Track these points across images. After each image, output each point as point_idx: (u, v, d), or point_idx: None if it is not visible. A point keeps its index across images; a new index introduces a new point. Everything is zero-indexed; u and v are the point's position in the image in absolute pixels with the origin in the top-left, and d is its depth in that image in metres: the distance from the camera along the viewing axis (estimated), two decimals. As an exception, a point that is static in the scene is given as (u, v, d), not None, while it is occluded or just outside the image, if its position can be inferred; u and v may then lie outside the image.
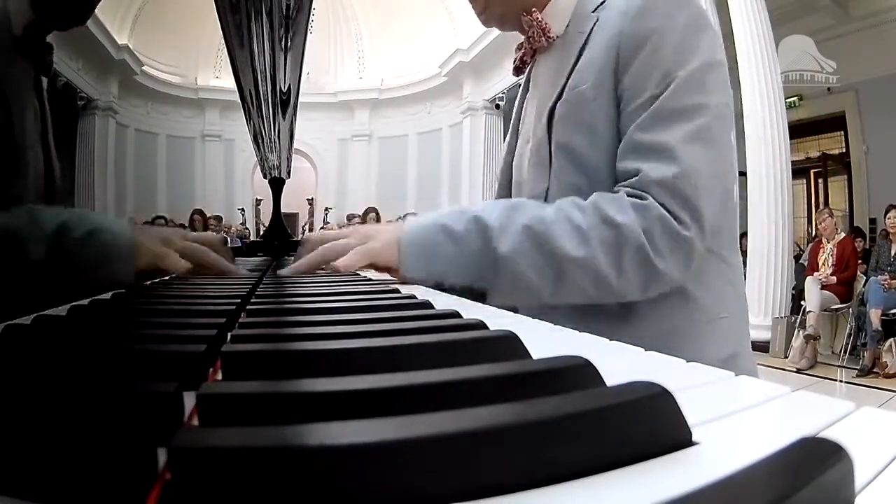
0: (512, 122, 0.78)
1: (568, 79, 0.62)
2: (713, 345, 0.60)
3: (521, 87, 0.77)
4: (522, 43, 0.72)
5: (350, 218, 7.45)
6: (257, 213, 9.29)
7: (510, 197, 0.75)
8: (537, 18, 0.66)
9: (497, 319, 0.39)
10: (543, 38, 0.67)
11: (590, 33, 0.61)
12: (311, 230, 8.55)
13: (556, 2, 0.67)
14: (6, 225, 0.50)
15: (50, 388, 0.15)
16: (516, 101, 0.78)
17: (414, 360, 0.21)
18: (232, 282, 0.59)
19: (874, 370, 3.33)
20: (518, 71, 0.74)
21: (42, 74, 0.70)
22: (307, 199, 9.92)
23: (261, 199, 9.14)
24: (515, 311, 0.52)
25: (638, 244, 0.53)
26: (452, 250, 0.55)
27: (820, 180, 5.92)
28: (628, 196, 0.55)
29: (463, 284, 0.55)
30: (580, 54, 0.61)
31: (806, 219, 5.78)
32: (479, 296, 0.55)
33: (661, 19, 0.57)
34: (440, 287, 0.55)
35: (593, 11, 0.63)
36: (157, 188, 9.14)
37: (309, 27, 0.81)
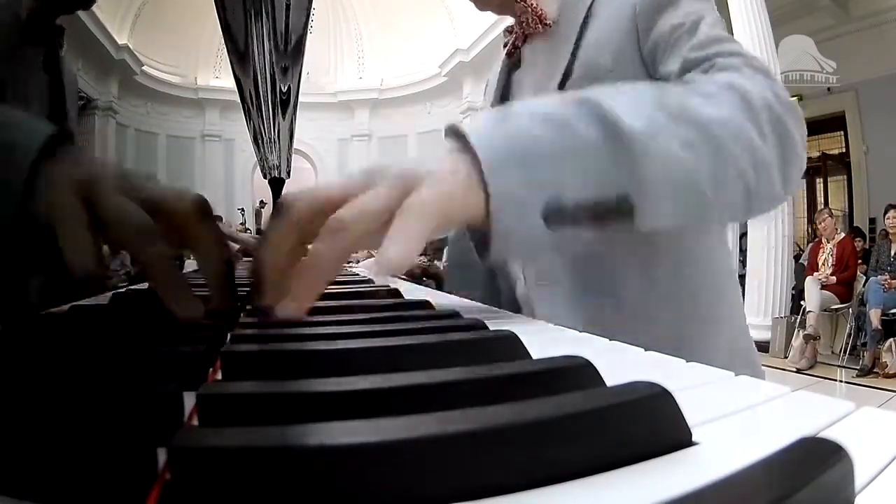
0: (493, 93, 0.75)
1: (573, 57, 0.60)
2: (720, 348, 0.60)
3: (504, 65, 0.74)
4: (513, 27, 0.70)
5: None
6: (258, 216, 9.27)
7: None
8: (531, 4, 0.65)
9: (497, 319, 0.39)
10: (539, 25, 0.65)
11: (588, 11, 0.60)
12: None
13: None
14: None
15: (50, 389, 0.15)
16: (496, 80, 0.76)
17: (414, 361, 0.21)
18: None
19: (874, 370, 3.33)
20: (511, 55, 0.72)
21: (53, 58, 0.70)
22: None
23: (264, 202, 9.04)
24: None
25: (765, 101, 0.44)
26: (567, 143, 0.35)
27: (820, 180, 5.92)
28: (718, 70, 0.49)
29: (593, 196, 0.35)
30: (581, 32, 0.60)
31: (806, 219, 5.78)
32: (617, 214, 0.36)
33: None
34: (555, 221, 0.34)
35: None
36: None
37: (309, 27, 0.81)
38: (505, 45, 0.72)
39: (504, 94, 0.74)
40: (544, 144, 0.35)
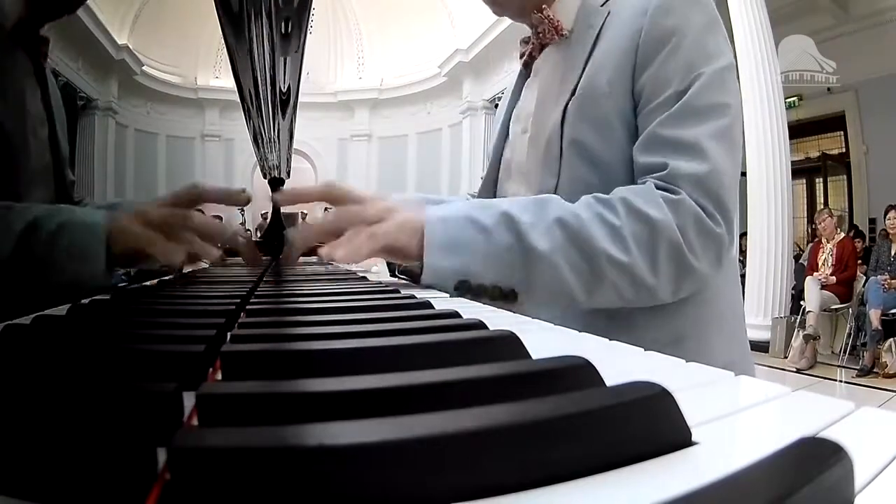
0: (507, 102, 0.77)
1: (581, 74, 0.61)
2: (718, 349, 0.60)
3: (521, 72, 0.76)
4: (529, 37, 0.71)
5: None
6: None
7: (498, 177, 0.75)
8: (549, 16, 0.66)
9: (497, 319, 0.39)
10: (556, 35, 0.66)
11: (601, 28, 0.61)
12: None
13: None
14: None
15: (49, 388, 0.15)
16: (513, 85, 0.78)
17: (414, 360, 0.21)
18: (232, 282, 0.59)
19: (874, 370, 3.33)
20: (528, 66, 0.73)
21: (39, 67, 0.70)
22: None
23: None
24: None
25: (673, 241, 0.51)
26: (482, 244, 0.50)
27: (820, 180, 5.92)
28: (658, 189, 0.52)
29: (490, 282, 0.50)
30: (592, 49, 0.61)
31: (806, 219, 5.78)
32: (504, 297, 0.51)
33: (680, 18, 0.57)
34: (461, 287, 0.50)
35: (602, 5, 0.62)
36: (157, 188, 9.12)
37: (309, 27, 0.81)
38: (522, 56, 0.73)
39: (514, 103, 0.76)
40: (472, 244, 0.50)
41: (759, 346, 3.72)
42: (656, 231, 0.51)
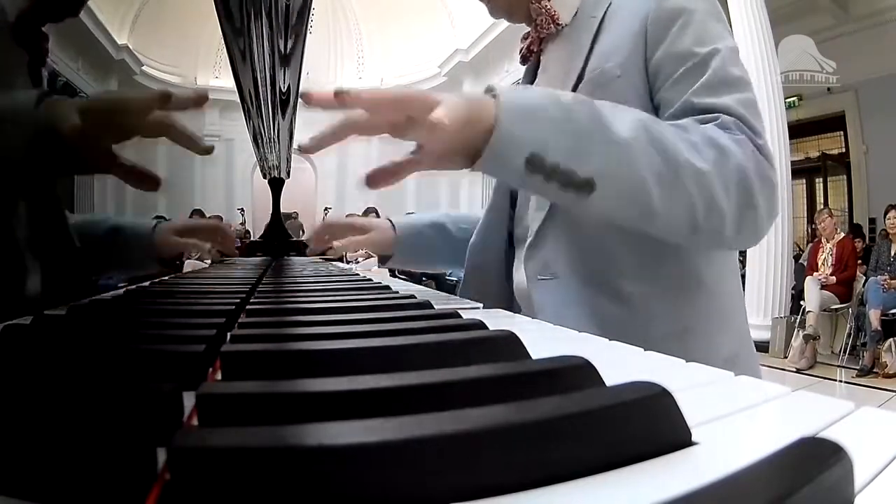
0: None
1: (586, 63, 0.61)
2: (723, 342, 0.60)
3: (526, 72, 0.76)
4: (529, 32, 0.71)
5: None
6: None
7: (509, 186, 0.75)
8: (546, 6, 0.66)
9: (497, 319, 0.39)
10: (552, 25, 0.66)
11: (603, 16, 0.61)
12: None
13: None
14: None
15: (50, 388, 0.15)
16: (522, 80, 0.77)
17: (414, 360, 0.21)
18: (232, 282, 0.59)
19: (874, 370, 3.33)
20: (525, 60, 0.74)
21: (38, 64, 0.70)
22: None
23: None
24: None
25: (741, 168, 0.49)
26: (562, 117, 0.45)
27: (820, 180, 5.92)
28: (717, 127, 0.52)
29: (565, 164, 0.45)
30: (595, 38, 0.61)
31: (806, 219, 5.78)
32: (576, 187, 0.45)
33: (685, 1, 0.58)
34: (532, 164, 0.44)
35: None
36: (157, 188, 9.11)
37: (309, 27, 0.81)
38: (521, 51, 0.73)
39: None
40: (548, 112, 0.45)
41: (759, 346, 3.71)
42: (726, 155, 0.49)
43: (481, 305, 0.51)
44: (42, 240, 0.53)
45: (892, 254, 3.60)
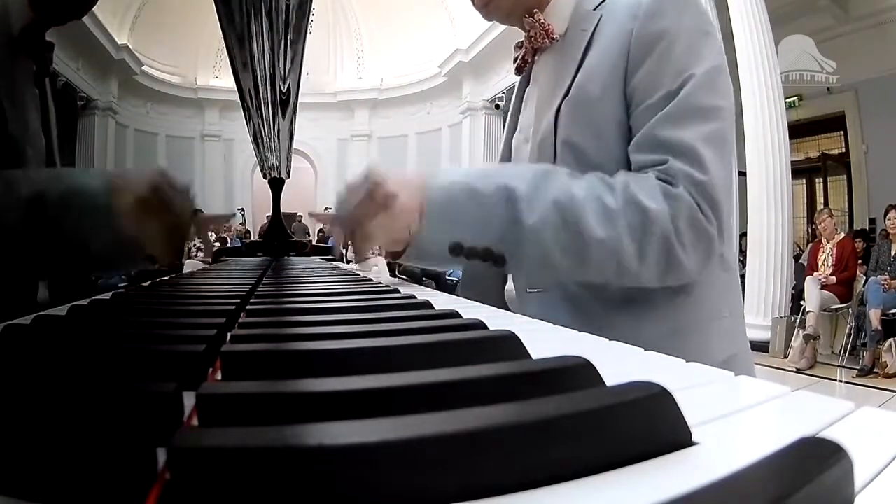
0: (510, 116, 0.78)
1: (574, 77, 0.61)
2: (716, 344, 0.60)
3: (520, 82, 0.76)
4: (522, 42, 0.71)
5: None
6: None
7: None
8: (539, 20, 0.66)
9: (497, 319, 0.39)
10: (546, 39, 0.66)
11: (594, 31, 0.61)
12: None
13: (558, 2, 0.67)
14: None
15: (50, 388, 0.15)
16: (514, 97, 0.78)
17: (414, 360, 0.21)
18: (231, 282, 0.59)
19: (874, 370, 3.33)
20: (519, 70, 0.74)
21: (43, 73, 0.70)
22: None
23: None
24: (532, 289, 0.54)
25: (664, 232, 0.52)
26: (477, 215, 0.53)
27: (820, 180, 5.92)
28: (657, 179, 0.54)
29: (482, 247, 0.53)
30: (585, 52, 0.61)
31: (806, 219, 5.78)
32: (494, 261, 0.54)
33: (670, 21, 0.57)
34: (454, 250, 0.54)
35: (594, 9, 0.63)
36: (157, 188, 9.10)
37: (309, 27, 0.81)
38: (515, 61, 0.73)
39: (517, 110, 0.76)
40: (468, 215, 0.53)
41: (759, 346, 3.72)
42: (649, 220, 0.52)
43: (481, 305, 0.51)
44: (43, 239, 0.53)
45: (893, 254, 3.60)
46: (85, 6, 0.69)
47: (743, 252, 4.17)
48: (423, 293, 0.54)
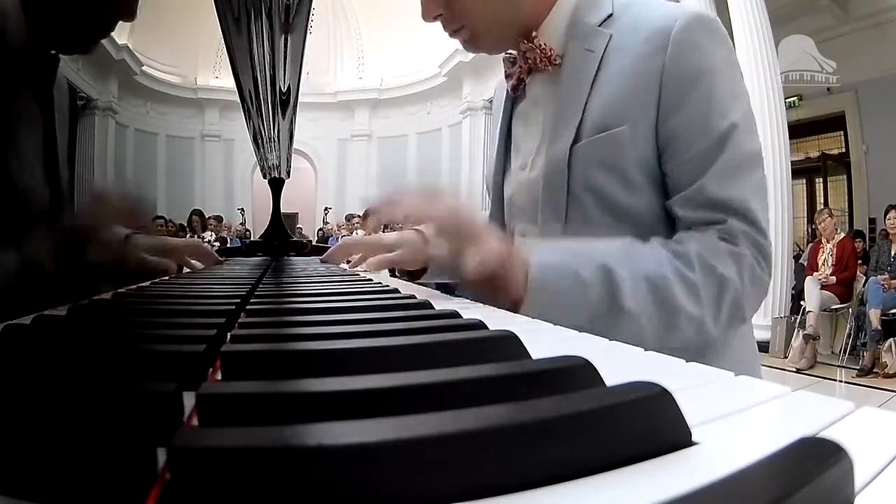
0: (499, 132, 0.73)
1: (585, 106, 0.57)
2: (734, 356, 0.61)
3: (508, 96, 0.71)
4: (515, 58, 0.67)
5: (349, 218, 7.45)
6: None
7: (503, 215, 0.73)
8: (540, 45, 0.61)
9: (497, 320, 0.39)
10: (548, 65, 0.61)
11: (603, 54, 0.57)
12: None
13: (552, 18, 0.61)
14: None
15: (50, 388, 0.15)
16: (501, 112, 0.73)
17: (414, 360, 0.21)
18: (232, 282, 0.59)
19: (874, 370, 3.33)
20: (515, 89, 0.69)
21: (47, 85, 0.70)
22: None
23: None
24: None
25: (736, 296, 0.54)
26: (579, 301, 0.51)
27: (820, 180, 5.92)
28: (720, 239, 0.55)
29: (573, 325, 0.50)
30: (595, 78, 0.57)
31: (806, 219, 5.78)
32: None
33: (707, 55, 0.54)
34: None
35: (600, 25, 0.58)
36: (157, 188, 9.13)
37: (309, 27, 0.81)
38: (508, 78, 0.69)
39: (509, 126, 0.72)
40: (570, 299, 0.51)
41: (760, 346, 3.70)
42: (724, 287, 0.54)
43: (481, 305, 0.51)
44: (43, 239, 0.53)
45: (893, 254, 3.60)
46: (92, 38, 0.69)
47: (743, 252, 4.17)
48: (422, 293, 0.54)
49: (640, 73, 0.55)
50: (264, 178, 1.52)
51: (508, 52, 0.68)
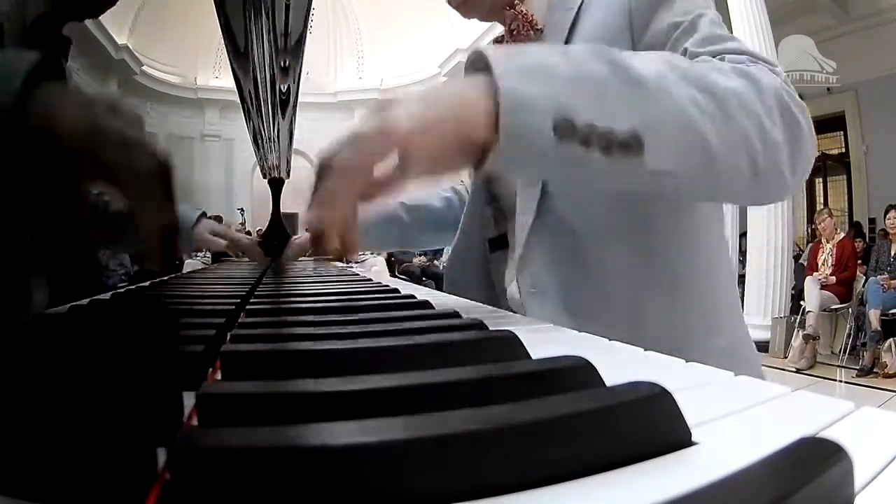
0: None
1: None
2: (718, 342, 0.59)
3: None
4: (502, 37, 0.68)
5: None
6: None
7: (488, 194, 0.72)
8: (522, 11, 0.63)
9: (497, 320, 0.39)
10: (530, 30, 0.64)
11: (579, 9, 0.59)
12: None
13: None
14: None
15: (50, 388, 0.15)
16: None
17: (414, 360, 0.21)
18: (231, 282, 0.59)
19: (874, 370, 3.33)
20: None
21: (57, 69, 0.69)
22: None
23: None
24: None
25: (775, 90, 0.43)
26: (570, 70, 0.36)
27: (819, 180, 5.92)
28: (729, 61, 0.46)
29: (601, 123, 0.35)
30: (570, 31, 0.59)
31: (806, 219, 5.78)
32: (624, 148, 0.36)
33: None
34: (561, 131, 0.34)
35: None
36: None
37: (309, 27, 0.81)
38: None
39: None
40: (558, 68, 0.36)
41: (759, 346, 3.69)
42: (757, 80, 0.43)
43: (481, 305, 0.52)
44: (44, 239, 0.53)
45: (893, 254, 3.60)
46: (104, 4, 0.69)
47: (743, 252, 4.18)
48: (423, 294, 0.54)
49: (610, 15, 0.56)
50: (264, 177, 1.52)
51: (499, 35, 0.70)
